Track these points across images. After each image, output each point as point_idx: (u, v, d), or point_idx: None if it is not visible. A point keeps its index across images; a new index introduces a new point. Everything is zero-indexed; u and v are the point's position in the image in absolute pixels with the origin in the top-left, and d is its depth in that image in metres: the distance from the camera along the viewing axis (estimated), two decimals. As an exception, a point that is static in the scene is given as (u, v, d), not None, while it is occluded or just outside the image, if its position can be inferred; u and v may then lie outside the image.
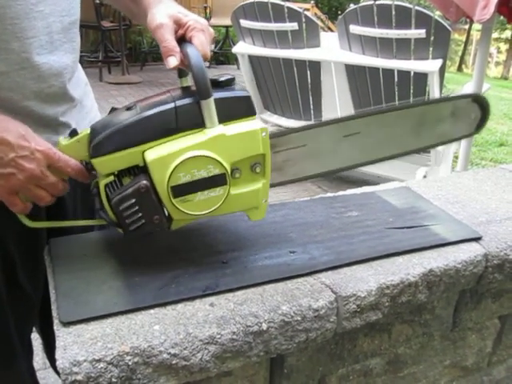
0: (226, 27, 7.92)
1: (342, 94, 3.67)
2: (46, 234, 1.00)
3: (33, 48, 0.84)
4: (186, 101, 0.76)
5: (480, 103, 1.08)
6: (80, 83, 1.02)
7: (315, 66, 3.75)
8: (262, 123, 0.80)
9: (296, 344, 0.78)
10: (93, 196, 0.80)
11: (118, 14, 6.70)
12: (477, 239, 0.97)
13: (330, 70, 3.64)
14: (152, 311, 0.73)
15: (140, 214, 0.76)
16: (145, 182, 0.75)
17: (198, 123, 0.76)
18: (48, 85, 0.88)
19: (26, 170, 0.76)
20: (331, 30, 8.61)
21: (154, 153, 0.74)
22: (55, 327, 0.70)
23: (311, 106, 3.99)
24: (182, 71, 0.83)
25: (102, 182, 0.77)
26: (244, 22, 3.92)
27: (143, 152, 0.75)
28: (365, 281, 0.83)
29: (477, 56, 2.80)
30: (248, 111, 0.79)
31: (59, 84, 0.90)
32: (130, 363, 0.66)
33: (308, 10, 7.75)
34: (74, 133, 0.79)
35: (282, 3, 3.64)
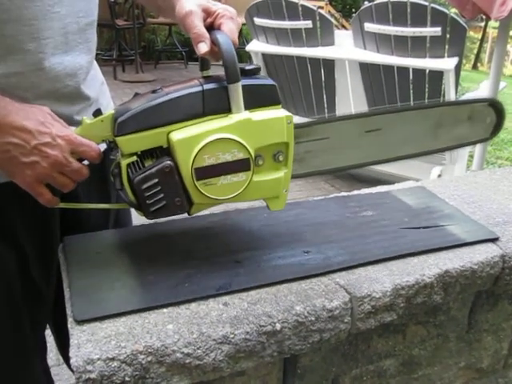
0: (239, 25, 7.92)
1: (356, 92, 3.65)
2: (59, 230, 1.00)
3: (48, 48, 0.84)
4: (214, 85, 0.77)
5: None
6: (96, 82, 1.02)
7: (329, 65, 3.73)
8: (287, 112, 0.80)
9: (310, 344, 0.77)
10: (113, 176, 0.79)
11: (132, 13, 6.72)
12: (494, 240, 0.96)
13: (344, 68, 3.62)
14: (165, 310, 0.73)
15: (162, 195, 0.76)
16: (169, 162, 0.75)
17: (225, 108, 0.76)
18: (63, 85, 0.88)
19: (49, 157, 0.75)
20: (345, 28, 8.56)
21: (180, 134, 0.75)
22: (69, 325, 0.71)
23: (325, 105, 3.97)
24: (204, 64, 0.83)
25: (124, 162, 0.77)
26: (258, 20, 3.91)
27: (168, 133, 0.75)
28: (380, 281, 0.82)
29: (494, 54, 2.77)
30: (273, 99, 0.80)
31: (74, 84, 0.91)
32: (143, 362, 0.66)
33: (322, 7, 7.70)
34: (98, 112, 0.79)
35: (296, 1, 3.63)
